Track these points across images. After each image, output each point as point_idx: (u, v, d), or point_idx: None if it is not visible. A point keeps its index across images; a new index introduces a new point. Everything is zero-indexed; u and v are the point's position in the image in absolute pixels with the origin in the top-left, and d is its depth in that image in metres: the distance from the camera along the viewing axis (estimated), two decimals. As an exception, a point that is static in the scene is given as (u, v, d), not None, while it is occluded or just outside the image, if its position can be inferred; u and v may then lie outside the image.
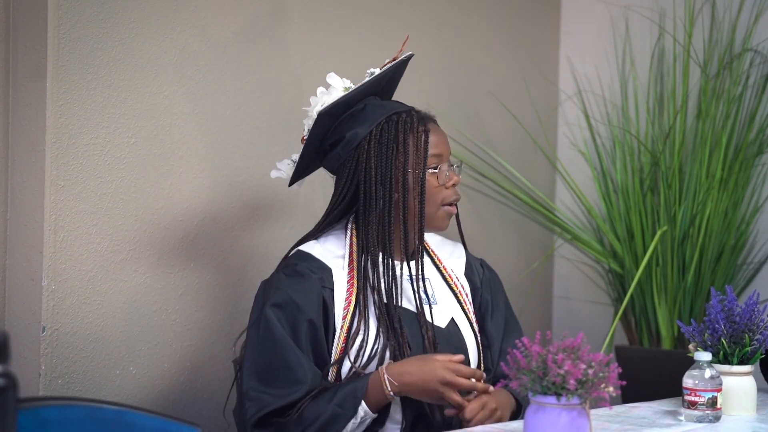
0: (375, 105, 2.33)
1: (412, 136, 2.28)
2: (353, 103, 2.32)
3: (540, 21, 3.63)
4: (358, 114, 2.31)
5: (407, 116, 2.31)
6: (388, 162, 2.27)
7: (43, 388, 2.38)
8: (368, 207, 2.27)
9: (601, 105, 3.53)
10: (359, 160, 2.28)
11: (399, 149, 2.27)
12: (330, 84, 2.33)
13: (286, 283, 2.24)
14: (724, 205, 3.14)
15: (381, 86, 2.37)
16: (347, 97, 2.30)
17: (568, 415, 1.77)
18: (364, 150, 2.28)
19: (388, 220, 2.27)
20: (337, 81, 2.34)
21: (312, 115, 2.31)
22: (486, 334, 2.40)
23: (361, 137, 2.28)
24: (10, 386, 1.43)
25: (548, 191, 3.63)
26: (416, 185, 2.27)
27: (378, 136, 2.28)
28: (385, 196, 2.27)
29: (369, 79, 2.32)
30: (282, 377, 2.16)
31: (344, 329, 2.22)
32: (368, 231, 2.27)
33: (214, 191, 2.69)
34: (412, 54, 2.39)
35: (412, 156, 2.28)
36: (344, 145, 2.30)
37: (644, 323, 3.20)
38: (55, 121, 2.39)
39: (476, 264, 2.48)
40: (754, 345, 2.33)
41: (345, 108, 2.31)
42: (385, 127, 2.29)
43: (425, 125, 2.30)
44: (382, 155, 2.27)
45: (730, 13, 3.30)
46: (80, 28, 2.43)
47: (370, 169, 2.27)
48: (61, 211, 2.41)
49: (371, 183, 2.27)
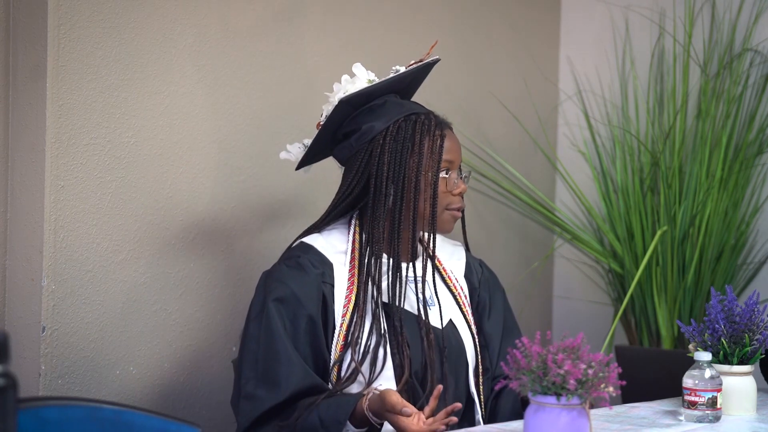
0: (395, 102, 2.34)
1: (429, 138, 2.29)
2: (374, 97, 2.32)
3: (540, 21, 3.63)
4: (378, 108, 2.31)
5: (425, 118, 2.31)
6: (402, 160, 2.27)
7: (43, 388, 2.38)
8: (377, 203, 2.27)
9: (601, 105, 3.53)
10: (372, 154, 2.28)
11: (414, 149, 2.27)
12: (355, 73, 2.34)
13: (287, 275, 2.24)
14: (724, 205, 3.14)
15: (403, 86, 2.38)
16: (369, 90, 2.31)
17: (568, 415, 1.77)
18: (379, 144, 2.28)
19: (398, 219, 2.27)
20: (362, 71, 2.34)
21: (333, 101, 2.32)
22: (483, 334, 2.40)
23: (377, 131, 2.29)
24: (10, 386, 1.43)
25: (548, 191, 3.63)
26: (428, 187, 2.27)
27: (395, 132, 2.28)
28: (396, 194, 2.27)
29: (393, 75, 2.33)
30: (275, 373, 2.17)
31: (344, 327, 2.23)
32: (375, 227, 2.27)
33: (214, 191, 2.69)
34: (438, 58, 2.40)
35: (426, 158, 2.28)
36: (359, 137, 2.30)
37: (644, 323, 3.20)
38: (55, 121, 2.39)
39: (475, 264, 2.48)
40: (754, 345, 2.33)
41: (365, 100, 2.32)
42: (403, 125, 2.29)
43: (442, 130, 2.31)
44: (396, 152, 2.27)
45: (730, 13, 3.30)
46: (80, 28, 2.43)
47: (383, 165, 2.27)
48: (61, 211, 2.41)
49: (382, 179, 2.27)
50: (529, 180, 3.41)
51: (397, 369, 2.22)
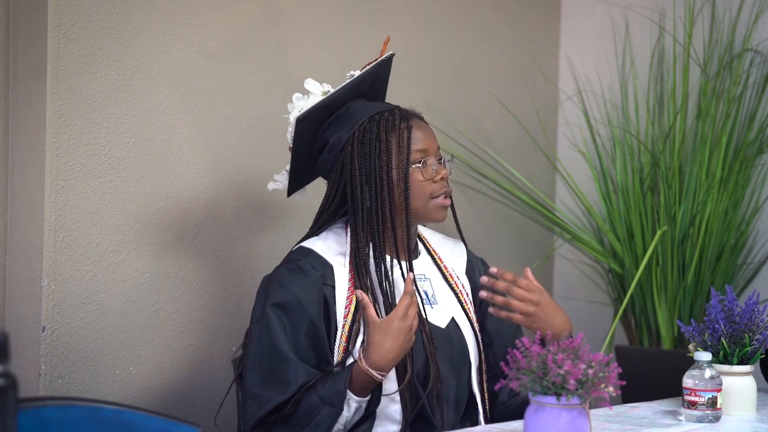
0: (358, 107, 2.33)
1: (395, 133, 2.28)
2: (336, 107, 2.32)
3: (540, 21, 3.63)
4: (342, 117, 2.31)
5: (389, 115, 2.30)
6: (371, 161, 2.27)
7: (43, 388, 2.38)
8: (356, 208, 2.27)
9: (601, 105, 3.53)
10: (344, 163, 2.28)
11: (381, 148, 2.27)
12: (308, 89, 2.33)
13: (288, 280, 2.24)
14: (724, 205, 3.14)
15: (366, 88, 2.37)
16: (327, 101, 2.30)
17: (568, 415, 1.77)
18: (348, 152, 2.28)
19: (376, 219, 2.27)
20: (315, 86, 2.33)
21: (291, 122, 2.32)
22: (486, 333, 2.40)
23: (344, 140, 2.28)
24: (10, 386, 1.43)
25: (548, 191, 3.63)
26: (400, 181, 2.27)
27: (360, 136, 2.28)
28: (371, 196, 2.27)
29: (348, 81, 2.32)
30: (282, 373, 2.17)
31: (345, 328, 2.23)
32: (358, 231, 2.27)
33: (214, 191, 2.69)
34: (393, 53, 2.39)
35: (395, 153, 2.27)
36: (329, 149, 2.30)
37: (644, 323, 3.20)
38: (55, 121, 2.39)
39: (477, 262, 2.48)
40: (754, 345, 2.33)
41: (328, 112, 2.32)
42: (368, 127, 2.29)
43: (408, 122, 2.30)
44: (365, 155, 2.27)
45: (730, 13, 3.30)
46: (80, 28, 2.43)
47: (354, 170, 2.27)
48: (61, 211, 2.41)
49: (356, 184, 2.27)
50: (529, 180, 3.41)
51: (399, 367, 2.21)
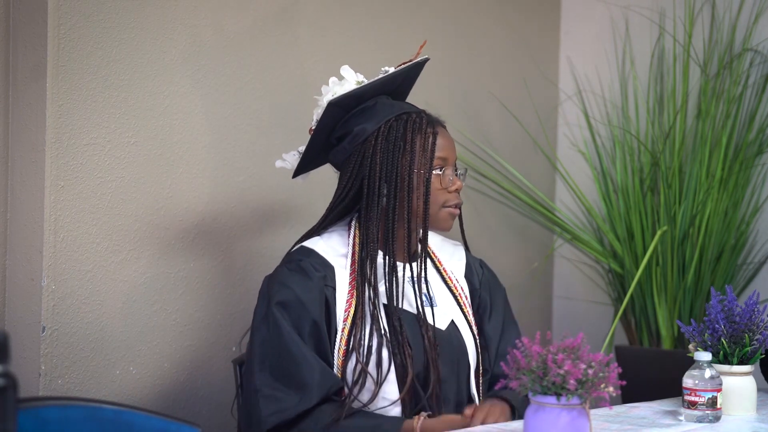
0: (386, 103, 2.33)
1: (420, 136, 2.29)
2: (364, 99, 2.32)
3: (540, 21, 3.63)
4: (369, 110, 2.31)
5: (417, 117, 2.31)
6: (394, 159, 2.27)
7: (43, 388, 2.38)
8: (371, 203, 2.27)
9: (601, 105, 3.53)
10: (365, 156, 2.28)
11: (406, 148, 2.27)
12: (343, 76, 2.33)
13: (290, 280, 2.24)
14: (724, 205, 3.14)
15: (394, 86, 2.37)
16: (359, 92, 2.30)
17: (568, 415, 1.77)
18: (371, 145, 2.28)
19: (392, 218, 2.27)
20: (350, 74, 2.33)
21: (322, 104, 2.31)
22: (484, 335, 2.40)
23: (368, 132, 2.29)
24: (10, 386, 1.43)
25: (548, 191, 3.63)
26: (420, 185, 2.27)
27: (386, 132, 2.28)
28: (389, 194, 2.27)
29: (382, 76, 2.33)
30: (293, 376, 2.16)
31: (345, 332, 2.22)
32: (370, 228, 2.26)
33: (214, 191, 2.69)
34: (428, 58, 2.39)
35: (418, 156, 2.28)
36: (351, 139, 2.30)
37: (644, 323, 3.20)
38: (55, 121, 2.39)
39: (475, 264, 2.48)
40: (754, 345, 2.33)
41: (356, 102, 2.32)
42: (394, 125, 2.29)
43: (434, 127, 2.31)
44: (388, 152, 2.27)
45: (730, 13, 3.30)
46: (80, 28, 2.43)
47: (375, 165, 2.27)
48: (61, 211, 2.41)
49: (375, 179, 2.27)
50: (529, 180, 3.41)
51: (399, 369, 2.21)
